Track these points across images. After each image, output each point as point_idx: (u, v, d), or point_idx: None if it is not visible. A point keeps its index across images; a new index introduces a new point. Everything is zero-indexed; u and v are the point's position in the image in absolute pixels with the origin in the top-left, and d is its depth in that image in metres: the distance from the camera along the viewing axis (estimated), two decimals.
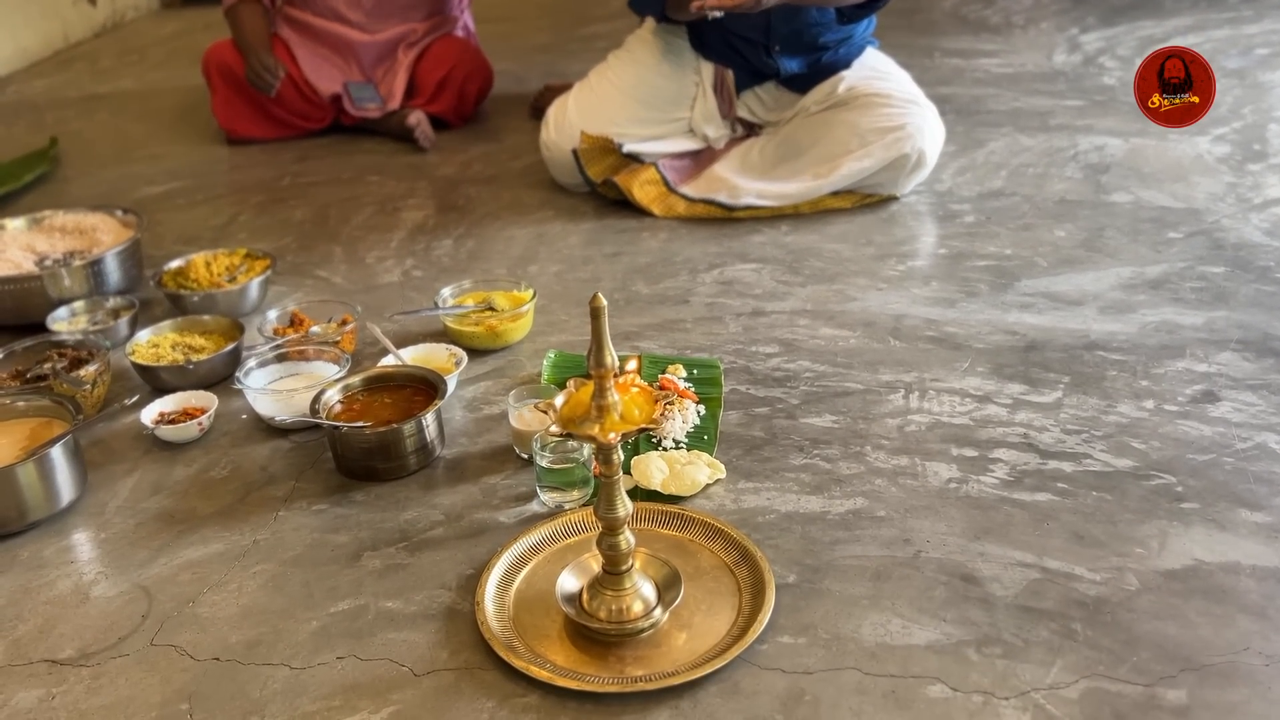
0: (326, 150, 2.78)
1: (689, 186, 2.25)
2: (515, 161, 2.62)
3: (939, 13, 3.81)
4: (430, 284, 1.98)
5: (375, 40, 2.85)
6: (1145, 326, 1.71)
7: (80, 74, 3.68)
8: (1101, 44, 3.30)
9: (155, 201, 2.49)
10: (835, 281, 1.92)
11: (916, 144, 2.15)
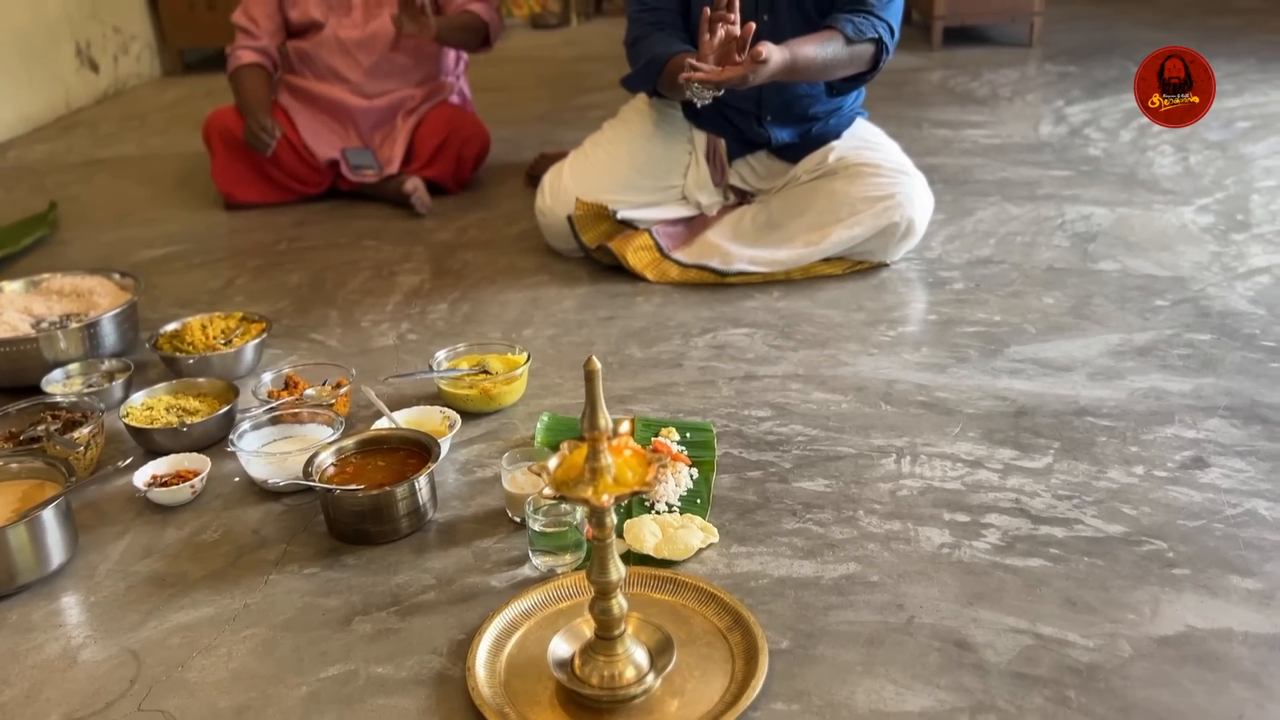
0: (324, 215, 2.81)
1: (682, 252, 2.28)
2: (511, 227, 2.65)
3: (927, 85, 3.89)
4: (425, 347, 1.99)
5: (373, 106, 2.89)
6: (1134, 393, 1.72)
7: (81, 139, 3.73)
8: (1087, 116, 3.37)
9: (153, 265, 2.51)
10: (827, 346, 1.94)
11: (906, 213, 2.19)
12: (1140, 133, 3.16)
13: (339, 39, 2.86)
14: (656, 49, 2.28)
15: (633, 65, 2.37)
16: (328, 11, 2.87)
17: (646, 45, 2.32)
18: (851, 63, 2.21)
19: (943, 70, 4.09)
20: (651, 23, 2.33)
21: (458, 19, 2.78)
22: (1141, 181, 2.75)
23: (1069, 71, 3.96)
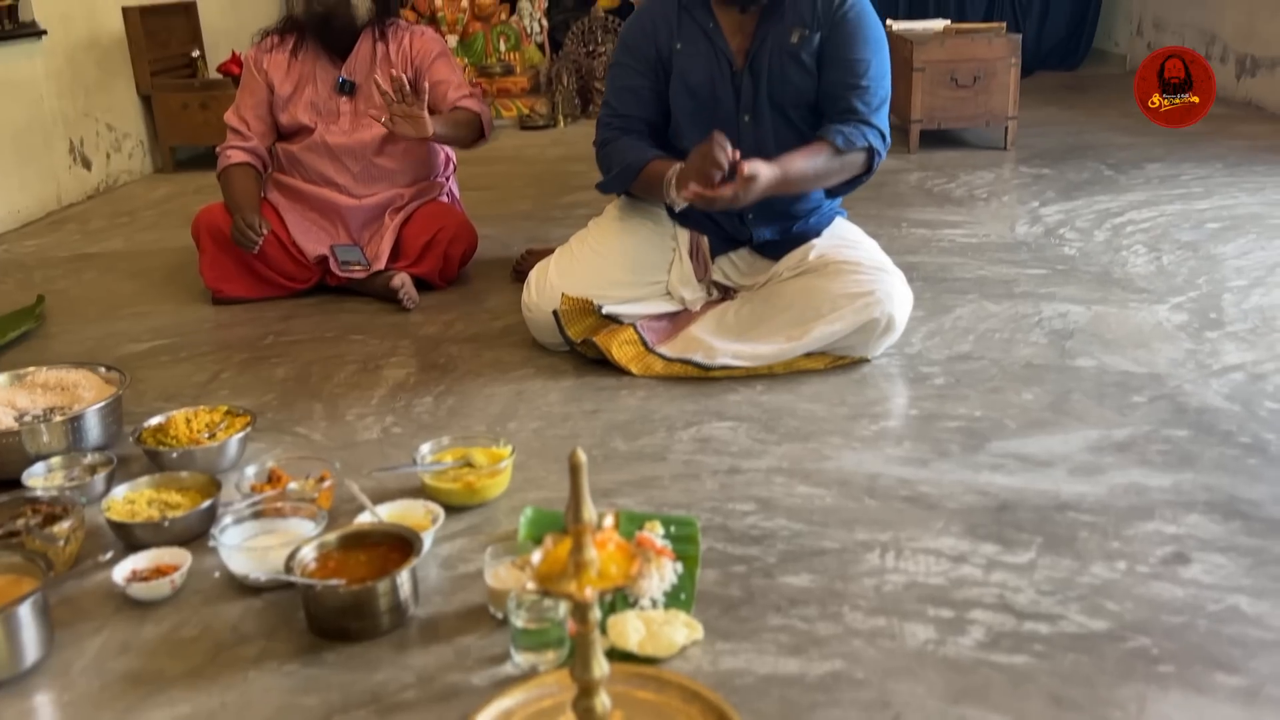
0: (311, 310, 2.83)
1: (666, 346, 2.31)
2: (497, 322, 2.68)
3: (905, 186, 3.98)
4: (409, 441, 1.99)
5: (362, 205, 2.94)
6: (1114, 488, 1.74)
7: (71, 234, 3.76)
8: (1061, 217, 3.45)
9: (139, 359, 2.52)
10: (810, 440, 1.95)
11: (885, 309, 2.22)
12: (1114, 233, 3.23)
13: (327, 145, 2.91)
14: (630, 155, 2.37)
15: (602, 167, 2.46)
16: (316, 117, 2.93)
17: (618, 150, 2.40)
18: (843, 171, 2.30)
19: (920, 172, 4.19)
20: (620, 128, 2.41)
21: (451, 116, 2.82)
22: (1116, 280, 2.80)
23: (1043, 174, 4.06)
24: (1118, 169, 4.07)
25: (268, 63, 2.95)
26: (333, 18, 2.86)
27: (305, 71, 2.94)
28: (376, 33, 2.94)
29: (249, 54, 3.00)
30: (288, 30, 2.98)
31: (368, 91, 2.92)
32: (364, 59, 2.94)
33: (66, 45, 4.16)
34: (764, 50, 2.34)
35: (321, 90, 2.94)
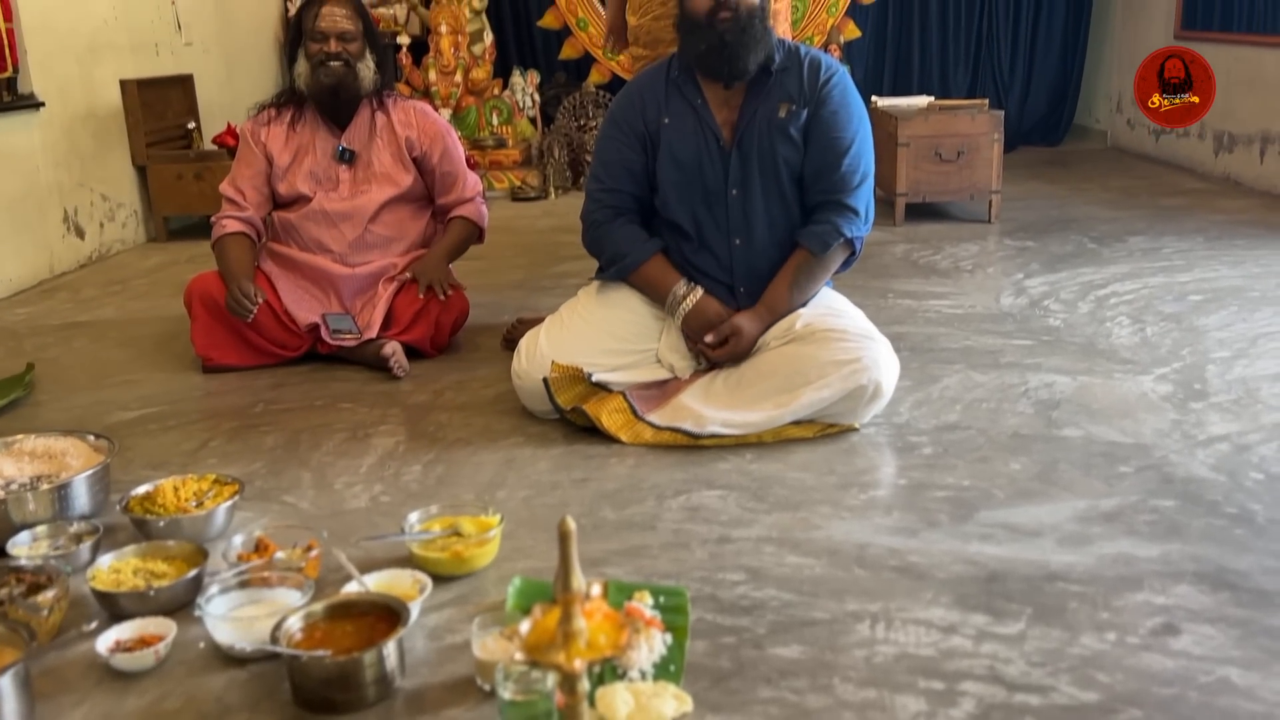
0: (301, 378, 2.83)
1: (656, 414, 2.31)
2: (487, 390, 2.69)
3: (891, 258, 4.03)
4: (398, 509, 1.99)
5: (355, 274, 2.96)
6: (1103, 558, 1.74)
7: (62, 303, 3.77)
8: (1046, 288, 3.49)
9: (127, 427, 2.51)
10: (800, 509, 1.96)
11: (872, 376, 2.24)
12: (1098, 305, 3.27)
13: (324, 211, 2.96)
14: (625, 248, 2.43)
15: (593, 249, 2.51)
16: (315, 186, 2.98)
17: (610, 236, 2.46)
18: (829, 269, 2.45)
19: (906, 243, 4.25)
20: (611, 205, 2.47)
21: (454, 237, 3.04)
22: (1101, 351, 2.83)
23: (1027, 246, 4.12)
24: (1100, 242, 4.13)
25: (265, 135, 3.00)
26: (340, 89, 2.93)
27: (304, 141, 3.00)
28: (375, 103, 3.01)
29: (246, 126, 3.05)
30: (285, 103, 3.04)
31: (366, 159, 2.99)
32: (363, 128, 3.00)
33: (64, 116, 4.22)
34: (752, 125, 2.40)
35: (321, 159, 2.99)
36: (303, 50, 2.95)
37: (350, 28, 2.92)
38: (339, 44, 2.90)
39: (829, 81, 2.40)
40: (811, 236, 2.40)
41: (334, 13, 2.91)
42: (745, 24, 2.32)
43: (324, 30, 2.90)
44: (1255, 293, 3.33)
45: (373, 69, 2.98)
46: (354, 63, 2.92)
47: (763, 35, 2.36)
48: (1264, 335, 2.90)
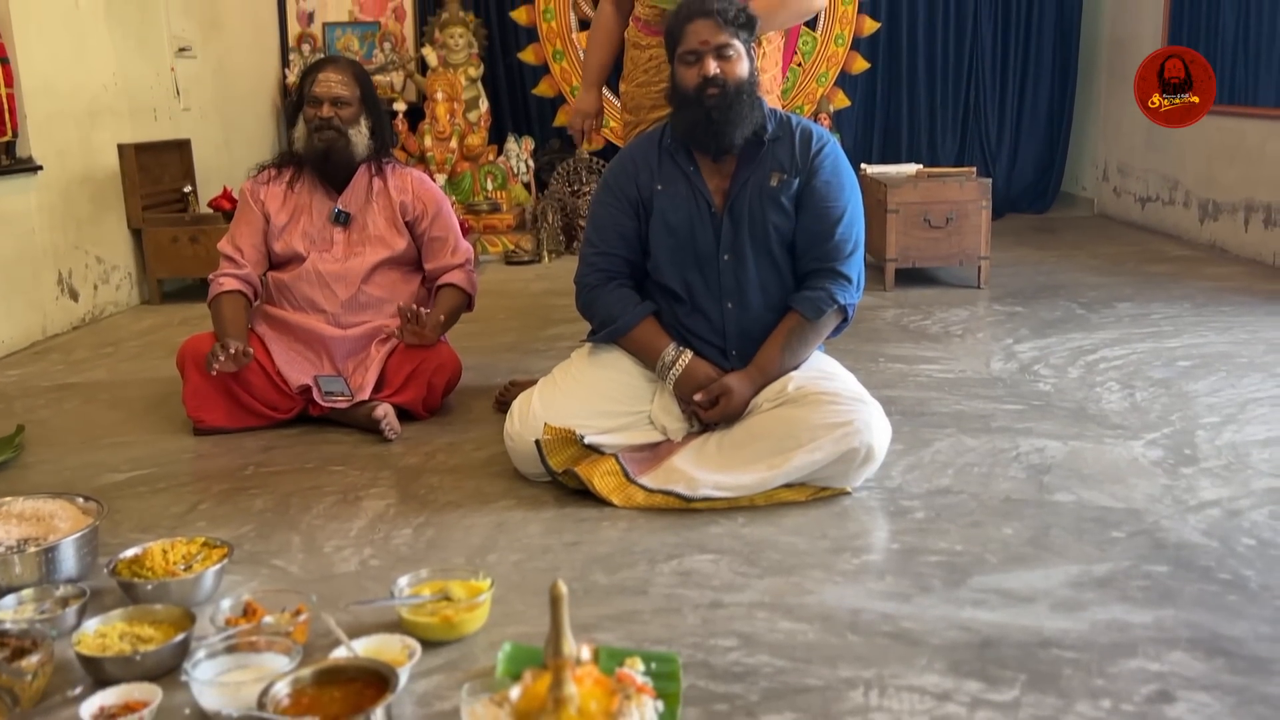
0: (292, 440, 2.83)
1: (648, 477, 2.31)
2: (479, 452, 2.68)
3: (881, 322, 4.06)
4: (388, 573, 1.97)
5: (348, 335, 2.98)
6: (1096, 624, 1.73)
7: (54, 364, 3.77)
8: (1036, 353, 3.51)
9: (117, 489, 2.50)
10: (792, 574, 1.95)
11: (864, 439, 2.25)
12: (1088, 370, 3.29)
13: (318, 272, 2.98)
14: (616, 311, 2.45)
15: (583, 306, 2.55)
16: (310, 246, 3.01)
17: (602, 300, 2.49)
18: (820, 335, 2.47)
19: (896, 308, 4.28)
20: (604, 269, 2.50)
21: (446, 305, 3.05)
22: (1091, 416, 2.84)
23: (1016, 311, 4.16)
24: (1089, 308, 4.16)
25: (264, 194, 3.04)
26: (332, 153, 2.97)
27: (301, 203, 3.04)
28: (373, 169, 3.06)
29: (245, 185, 3.10)
30: (284, 164, 3.09)
31: (362, 222, 3.03)
32: (360, 192, 3.04)
33: (61, 180, 4.25)
34: (744, 193, 2.43)
35: (316, 220, 3.03)
36: (302, 114, 3.00)
37: (345, 94, 2.96)
38: (332, 109, 2.95)
39: (820, 152, 2.45)
40: (805, 302, 2.42)
41: (330, 79, 2.96)
42: (732, 99, 2.37)
43: (319, 95, 2.95)
44: (1243, 358, 3.36)
45: (367, 135, 3.02)
46: (346, 129, 2.97)
47: (750, 109, 2.40)
48: (1253, 400, 2.92)
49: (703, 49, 2.39)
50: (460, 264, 3.10)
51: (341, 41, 6.40)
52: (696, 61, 2.39)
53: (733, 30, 2.39)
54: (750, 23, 2.43)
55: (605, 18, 3.06)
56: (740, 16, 2.40)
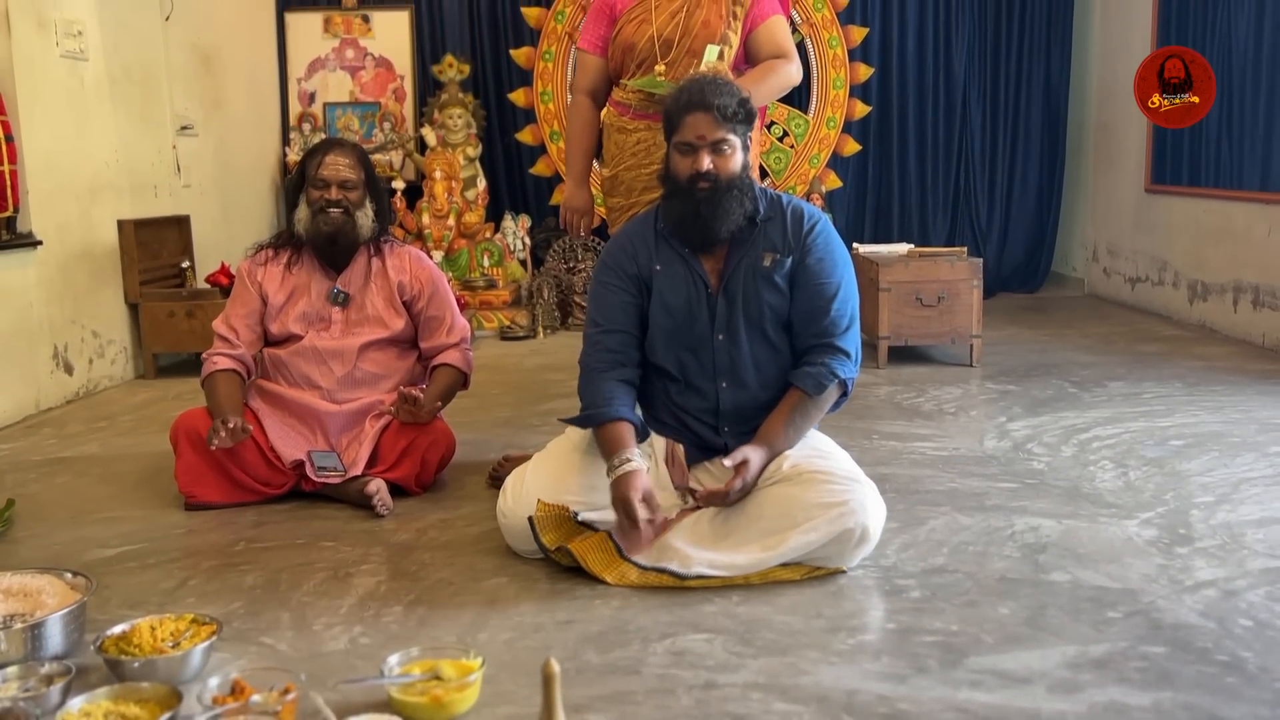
0: (284, 516, 2.81)
1: (641, 555, 2.30)
2: (471, 528, 2.67)
3: (875, 399, 4.07)
4: (377, 651, 1.95)
5: (343, 411, 2.98)
6: (1094, 706, 1.71)
7: (46, 438, 3.76)
8: (1029, 432, 3.52)
9: (106, 564, 2.48)
10: (787, 654, 1.93)
11: (859, 519, 2.24)
12: (1081, 449, 3.29)
13: (315, 349, 2.99)
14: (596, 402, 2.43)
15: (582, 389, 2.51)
16: (307, 326, 3.03)
17: (592, 386, 2.46)
18: (822, 409, 2.47)
19: (890, 386, 4.30)
20: (610, 349, 2.49)
21: (442, 384, 3.05)
22: (1085, 495, 2.84)
23: (1009, 390, 4.17)
24: (1081, 386, 4.18)
25: (262, 275, 3.06)
26: (338, 236, 3.00)
27: (300, 283, 3.05)
28: (372, 248, 3.08)
29: (243, 265, 3.11)
30: (283, 244, 3.10)
31: (360, 302, 3.05)
32: (359, 272, 3.07)
33: (60, 254, 4.28)
34: (738, 274, 2.46)
35: (315, 300, 3.04)
36: (304, 196, 3.02)
37: (352, 176, 3.00)
38: (340, 192, 2.97)
39: (812, 230, 2.48)
40: (806, 378, 2.43)
41: (337, 161, 2.99)
42: (722, 194, 2.39)
43: (326, 178, 2.98)
44: (1236, 438, 3.37)
45: (371, 217, 3.05)
46: (353, 211, 2.99)
47: (739, 203, 2.41)
48: (1246, 480, 2.93)
49: (699, 143, 2.41)
50: (456, 343, 3.11)
51: (342, 121, 6.50)
52: (691, 153, 2.42)
53: (730, 126, 2.40)
54: (750, 116, 2.45)
55: (584, 110, 3.07)
56: (740, 112, 2.41)
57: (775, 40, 2.94)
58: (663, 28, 2.88)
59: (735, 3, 2.89)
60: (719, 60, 2.82)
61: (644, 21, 2.91)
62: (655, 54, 2.89)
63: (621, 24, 2.95)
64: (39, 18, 4.15)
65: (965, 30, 6.66)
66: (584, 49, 3.05)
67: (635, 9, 2.93)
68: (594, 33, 3.02)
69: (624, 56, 2.96)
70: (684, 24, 2.88)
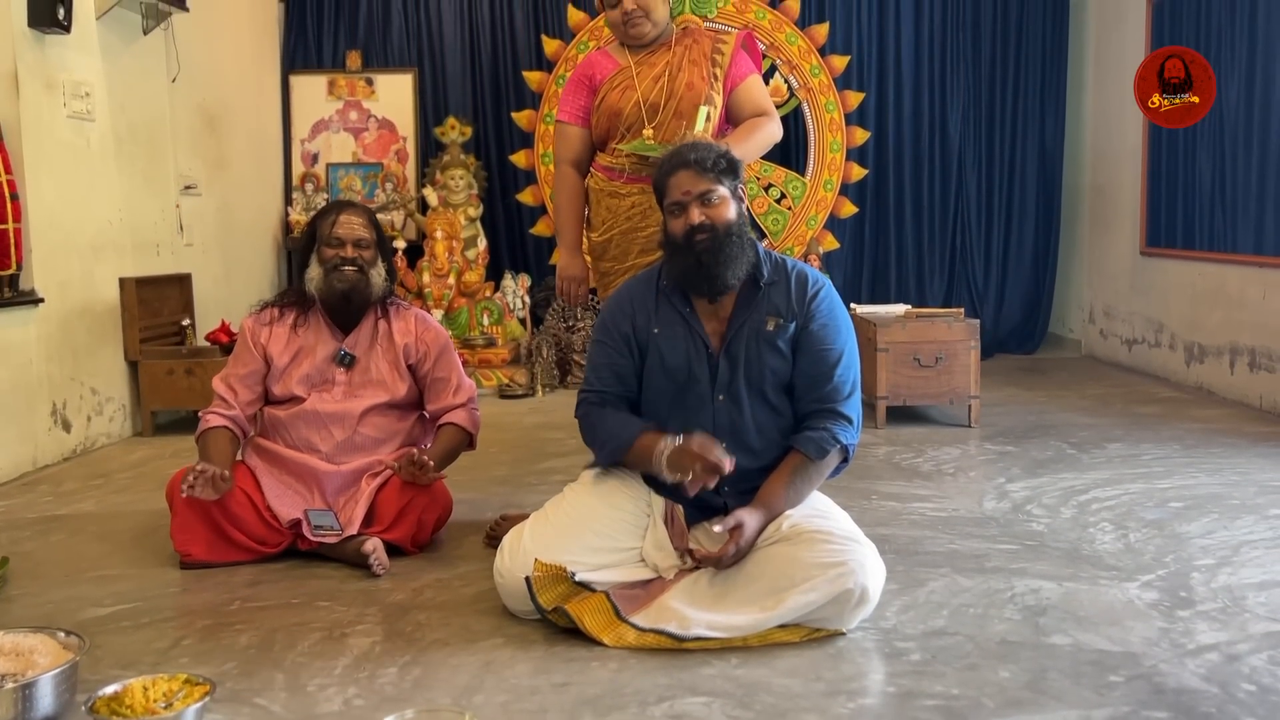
0: (279, 575, 2.79)
1: (639, 616, 2.28)
2: (468, 588, 2.65)
3: (874, 460, 4.07)
4: (372, 713, 1.93)
5: (340, 471, 2.97)
6: None
7: (42, 496, 3.74)
8: (1028, 493, 3.51)
9: (99, 624, 2.46)
10: (787, 718, 1.91)
11: (859, 579, 2.23)
12: (1080, 510, 3.29)
13: (316, 412, 2.99)
14: (618, 429, 2.46)
15: (586, 437, 2.54)
16: (309, 389, 3.03)
17: (601, 422, 2.50)
18: (823, 474, 2.48)
19: (888, 446, 4.30)
20: (603, 391, 2.51)
21: (446, 445, 3.06)
22: (1085, 557, 2.83)
23: (1008, 451, 4.17)
24: (1080, 448, 4.18)
25: (266, 335, 3.06)
26: (353, 294, 3.02)
27: (306, 344, 3.06)
28: (379, 310, 3.09)
29: (246, 324, 3.11)
30: (289, 304, 3.12)
31: (365, 365, 3.06)
32: (366, 334, 3.08)
33: (61, 312, 4.30)
34: (740, 336, 2.48)
35: (319, 361, 3.04)
36: (316, 255, 3.05)
37: (366, 235, 3.03)
38: (355, 250, 3.00)
39: (816, 296, 2.50)
40: (808, 442, 2.43)
41: (351, 221, 3.03)
42: (722, 241, 2.43)
43: (341, 236, 3.00)
44: (1235, 500, 3.36)
45: (384, 276, 3.08)
46: (367, 269, 3.02)
47: (741, 250, 2.45)
48: (1246, 543, 2.92)
49: (685, 199, 2.46)
50: (463, 403, 3.12)
51: (344, 181, 6.57)
52: (682, 212, 2.46)
53: (714, 176, 2.46)
54: (733, 167, 2.50)
55: (569, 179, 3.09)
56: (720, 163, 2.48)
57: (755, 99, 3.01)
58: (647, 93, 2.94)
59: (714, 64, 2.96)
60: (706, 121, 2.88)
61: (628, 88, 2.97)
62: (642, 118, 2.94)
63: (604, 92, 3.00)
64: (48, 80, 4.22)
65: (960, 95, 6.77)
66: (564, 120, 3.09)
67: (616, 77, 2.99)
68: (574, 104, 3.07)
69: (610, 123, 3.00)
70: (668, 88, 2.94)
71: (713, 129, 2.92)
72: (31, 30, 4.09)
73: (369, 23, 6.70)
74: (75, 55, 4.39)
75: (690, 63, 2.97)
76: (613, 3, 2.98)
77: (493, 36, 6.72)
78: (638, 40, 3.00)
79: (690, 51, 2.99)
